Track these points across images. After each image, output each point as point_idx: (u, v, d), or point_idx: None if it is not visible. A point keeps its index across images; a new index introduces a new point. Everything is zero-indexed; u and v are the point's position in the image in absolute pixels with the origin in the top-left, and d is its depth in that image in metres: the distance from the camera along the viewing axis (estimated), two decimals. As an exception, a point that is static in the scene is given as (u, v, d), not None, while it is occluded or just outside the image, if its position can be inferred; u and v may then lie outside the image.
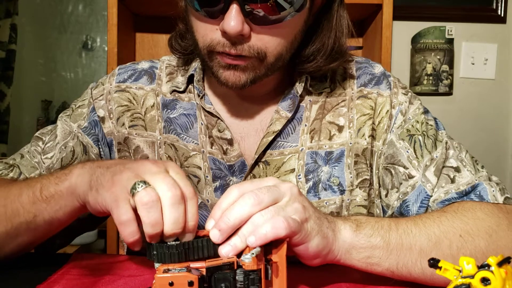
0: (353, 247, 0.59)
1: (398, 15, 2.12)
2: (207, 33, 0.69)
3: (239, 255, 0.51)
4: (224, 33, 0.66)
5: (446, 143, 0.77)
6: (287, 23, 0.68)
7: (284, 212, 0.52)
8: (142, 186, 0.50)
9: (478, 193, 0.71)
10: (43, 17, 3.36)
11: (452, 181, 0.73)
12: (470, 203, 0.70)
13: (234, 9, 0.64)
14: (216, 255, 0.51)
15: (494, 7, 2.28)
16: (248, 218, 0.51)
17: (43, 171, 0.79)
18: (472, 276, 0.41)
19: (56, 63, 3.40)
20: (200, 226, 0.56)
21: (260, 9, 0.64)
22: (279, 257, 0.51)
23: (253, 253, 0.48)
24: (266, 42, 0.68)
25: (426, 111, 0.81)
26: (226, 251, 0.50)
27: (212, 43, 0.69)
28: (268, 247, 0.51)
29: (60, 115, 0.86)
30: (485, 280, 0.41)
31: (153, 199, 0.49)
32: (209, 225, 0.53)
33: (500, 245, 0.63)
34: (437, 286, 0.61)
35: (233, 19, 0.64)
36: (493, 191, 0.71)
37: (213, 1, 0.65)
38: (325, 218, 0.58)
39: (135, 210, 0.50)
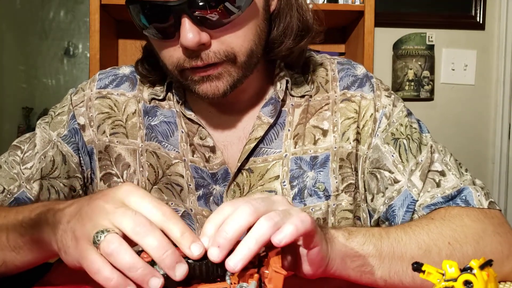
0: (348, 256, 0.58)
1: (380, 22, 2.15)
2: (171, 54, 0.69)
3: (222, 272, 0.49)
4: (185, 49, 0.66)
5: (431, 146, 0.77)
6: (243, 18, 0.67)
7: (292, 213, 0.50)
8: (102, 235, 0.46)
9: (464, 197, 0.71)
10: (24, 23, 3.33)
11: (438, 185, 0.73)
12: (457, 209, 0.70)
13: (186, 22, 0.64)
14: (208, 277, 0.50)
15: (473, 14, 2.32)
16: (247, 228, 0.48)
17: (23, 182, 0.76)
18: (455, 279, 0.42)
19: (37, 69, 3.36)
20: None
21: (209, 12, 0.64)
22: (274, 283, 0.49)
23: None
24: (229, 42, 0.68)
25: (409, 113, 0.81)
26: (235, 263, 0.46)
27: (179, 62, 0.68)
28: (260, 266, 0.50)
29: (38, 122, 0.83)
30: (467, 283, 0.41)
31: (115, 245, 0.46)
32: (204, 241, 0.49)
33: (486, 251, 0.64)
34: None
35: (188, 31, 0.63)
36: (478, 195, 0.71)
37: (164, 23, 0.66)
38: (318, 225, 0.57)
39: None
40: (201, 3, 0.63)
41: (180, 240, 0.48)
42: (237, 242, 0.48)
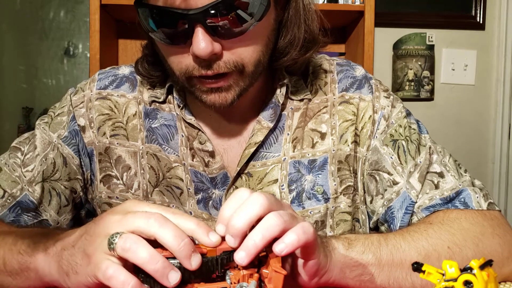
0: (347, 266, 0.58)
1: (380, 22, 2.15)
2: (180, 60, 0.68)
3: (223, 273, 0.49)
4: (196, 57, 0.65)
5: (430, 148, 0.77)
6: (255, 29, 0.67)
7: (297, 219, 0.50)
8: (116, 236, 0.46)
9: (462, 200, 0.71)
10: (24, 24, 3.33)
11: (436, 187, 0.73)
12: (455, 212, 0.70)
13: (199, 31, 0.63)
14: (208, 276, 0.50)
15: (473, 14, 2.32)
16: (256, 220, 0.48)
17: (25, 185, 0.76)
18: (455, 279, 0.42)
19: (37, 69, 3.36)
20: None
21: (224, 23, 0.64)
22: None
23: None
24: (240, 53, 0.67)
25: (408, 114, 0.81)
26: (242, 258, 0.46)
27: (188, 69, 0.68)
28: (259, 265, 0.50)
29: (37, 122, 0.83)
30: (467, 283, 0.41)
31: (133, 240, 0.46)
32: (219, 229, 0.50)
33: (486, 253, 0.64)
34: None
35: (201, 41, 0.63)
36: (477, 197, 0.71)
37: (177, 30, 0.65)
38: (318, 235, 0.56)
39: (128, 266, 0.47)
40: (216, 14, 0.63)
41: (197, 229, 0.48)
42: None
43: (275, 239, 0.48)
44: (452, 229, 0.66)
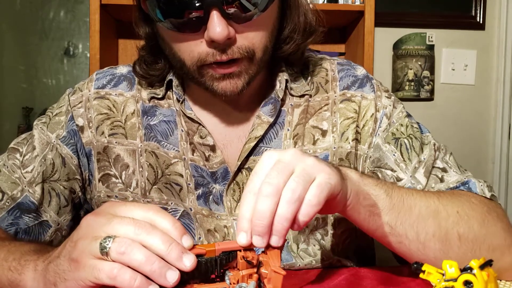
0: (361, 191, 0.59)
1: (380, 22, 2.15)
2: (193, 49, 0.68)
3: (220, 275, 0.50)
4: (211, 42, 0.65)
5: (434, 145, 0.79)
6: (265, 14, 0.68)
7: (310, 175, 0.51)
8: (109, 240, 0.46)
9: (467, 186, 0.73)
10: (24, 23, 3.33)
11: (441, 180, 0.75)
12: (464, 191, 0.72)
13: (215, 15, 0.63)
14: (207, 277, 0.50)
15: (473, 14, 2.32)
16: (276, 205, 0.49)
17: (25, 186, 0.76)
18: (455, 279, 0.42)
19: (37, 69, 3.36)
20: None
21: (238, 7, 0.65)
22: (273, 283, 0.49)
23: None
24: (251, 38, 0.68)
25: (408, 115, 0.82)
26: (276, 242, 0.49)
27: (201, 57, 0.68)
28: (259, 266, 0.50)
29: (35, 123, 0.82)
30: (467, 283, 0.41)
31: (129, 243, 0.46)
32: (241, 238, 0.50)
33: (490, 231, 0.65)
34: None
35: (218, 24, 0.63)
36: (481, 185, 0.73)
37: (191, 16, 0.65)
38: (332, 166, 0.57)
39: None
40: None
41: (171, 230, 0.49)
42: None
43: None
44: (463, 199, 0.68)
